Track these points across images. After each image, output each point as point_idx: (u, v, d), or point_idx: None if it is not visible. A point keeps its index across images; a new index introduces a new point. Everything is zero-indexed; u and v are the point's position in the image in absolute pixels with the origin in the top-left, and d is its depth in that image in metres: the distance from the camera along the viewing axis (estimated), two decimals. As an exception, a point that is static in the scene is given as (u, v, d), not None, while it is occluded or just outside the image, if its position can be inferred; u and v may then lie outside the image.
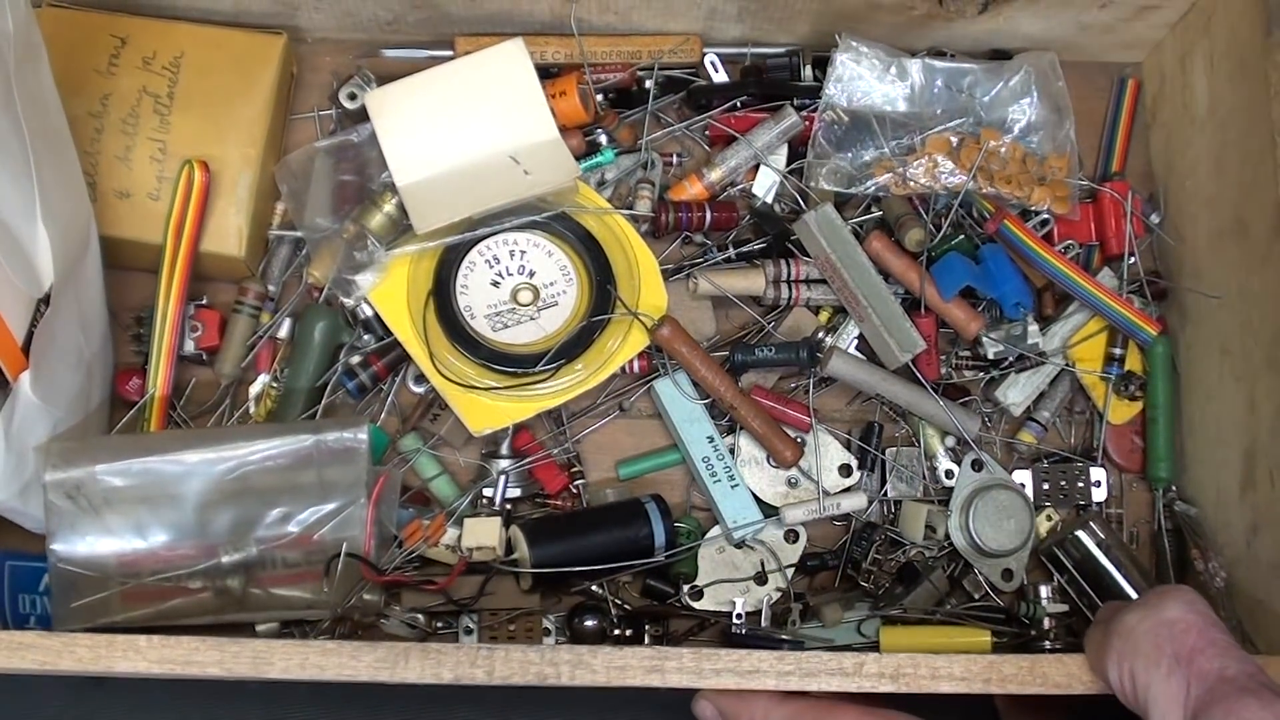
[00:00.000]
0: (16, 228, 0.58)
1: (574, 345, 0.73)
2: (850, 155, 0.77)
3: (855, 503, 0.74)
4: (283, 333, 0.76)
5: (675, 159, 0.81)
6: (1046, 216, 0.78)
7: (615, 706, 0.77)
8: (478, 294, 0.74)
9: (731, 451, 0.75)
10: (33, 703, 0.76)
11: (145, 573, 0.64)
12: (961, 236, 0.76)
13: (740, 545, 0.74)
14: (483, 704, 0.77)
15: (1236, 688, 0.48)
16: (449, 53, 0.78)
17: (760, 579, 0.74)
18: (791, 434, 0.74)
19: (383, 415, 0.76)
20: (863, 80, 0.78)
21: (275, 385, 0.76)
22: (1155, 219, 0.80)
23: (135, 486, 0.64)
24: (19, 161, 0.57)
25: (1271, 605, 0.66)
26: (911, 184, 0.76)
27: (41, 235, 0.59)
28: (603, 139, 0.79)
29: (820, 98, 0.78)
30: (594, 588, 0.72)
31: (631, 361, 0.76)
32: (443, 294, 0.74)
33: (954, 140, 0.77)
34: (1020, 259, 0.76)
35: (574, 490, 0.76)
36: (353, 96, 0.79)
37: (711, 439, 0.74)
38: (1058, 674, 0.57)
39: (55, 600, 0.63)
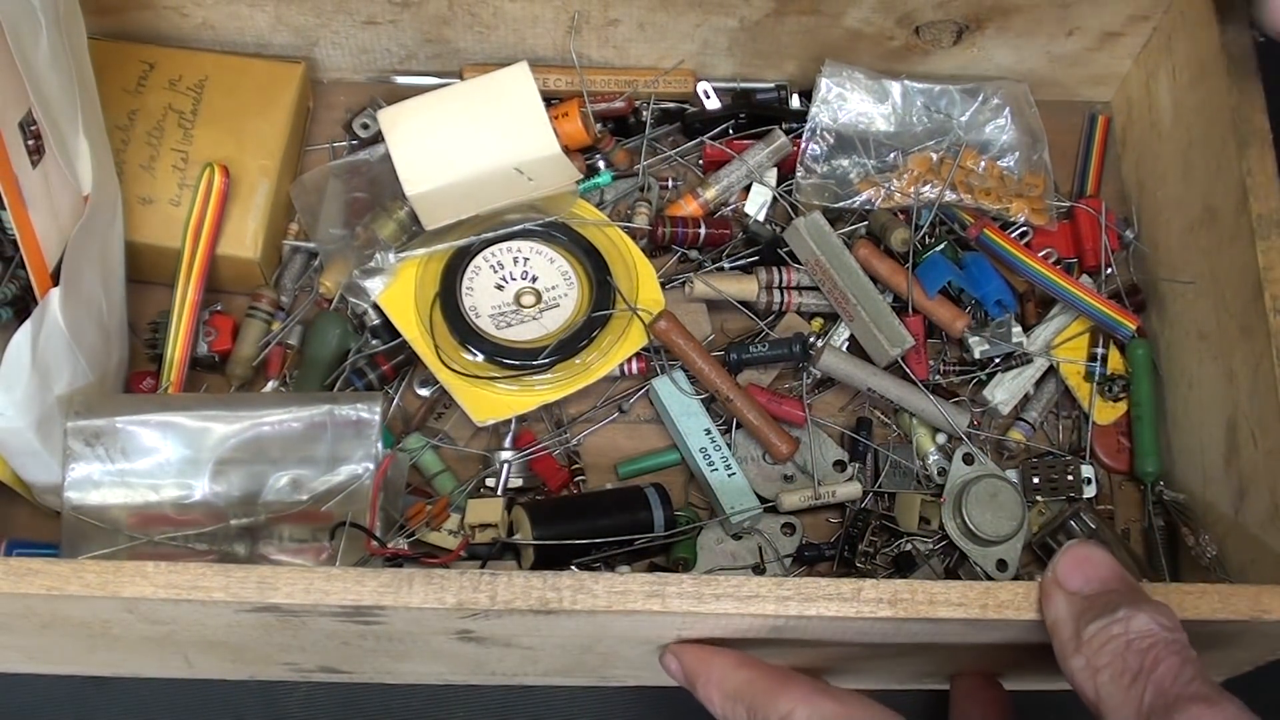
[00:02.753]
0: (63, 127, 0.61)
1: (575, 340, 0.76)
2: (837, 173, 0.82)
3: (851, 490, 0.76)
4: (293, 339, 0.79)
5: (670, 183, 0.85)
6: (1025, 229, 0.82)
7: (613, 710, 0.77)
8: (482, 296, 0.77)
9: (729, 446, 0.76)
10: (33, 703, 0.75)
11: (154, 532, 0.65)
12: (944, 244, 0.79)
13: (739, 537, 0.75)
14: (482, 706, 0.76)
15: (1190, 691, 0.51)
16: (458, 81, 0.83)
17: (758, 570, 0.75)
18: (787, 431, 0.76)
19: (388, 417, 0.78)
20: (846, 102, 0.82)
21: (285, 389, 0.78)
22: (1130, 234, 0.83)
23: (154, 440, 0.65)
24: (65, 73, 0.60)
25: (1263, 562, 0.67)
26: (895, 198, 0.80)
27: (83, 144, 0.62)
28: (601, 164, 0.83)
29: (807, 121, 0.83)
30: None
31: (630, 362, 0.78)
32: (449, 295, 0.77)
33: (934, 158, 0.81)
34: (1001, 264, 0.80)
35: (575, 487, 0.77)
36: (365, 126, 0.84)
37: (709, 431, 0.76)
38: (1053, 599, 0.58)
39: (65, 551, 0.64)
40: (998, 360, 0.79)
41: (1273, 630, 0.59)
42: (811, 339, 0.79)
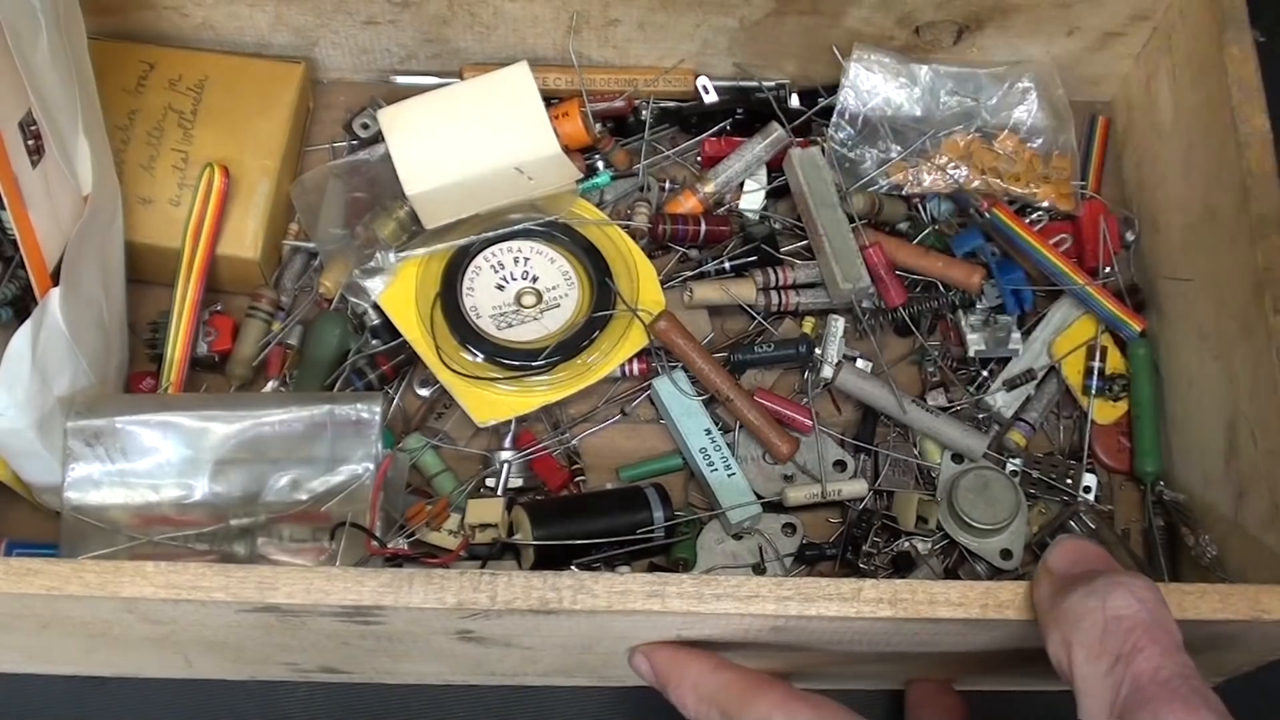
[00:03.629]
0: (63, 127, 0.61)
1: (576, 341, 0.76)
2: (864, 159, 0.82)
3: (855, 488, 0.76)
4: (293, 339, 0.79)
5: (669, 184, 0.85)
6: (1038, 215, 0.83)
7: (613, 710, 0.77)
8: (483, 296, 0.77)
9: (730, 446, 0.76)
10: (33, 703, 0.75)
11: (154, 532, 0.65)
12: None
13: (739, 537, 0.75)
14: (482, 706, 0.76)
15: (1167, 690, 0.49)
16: (458, 81, 0.83)
17: (759, 570, 0.75)
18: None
19: (388, 417, 0.78)
20: (874, 87, 0.82)
21: (285, 389, 0.78)
22: (1130, 236, 0.83)
23: (154, 440, 0.66)
24: (65, 73, 0.60)
25: (1263, 562, 0.67)
26: (925, 183, 0.81)
27: (83, 144, 0.62)
28: (600, 164, 0.83)
29: (805, 120, 0.83)
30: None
31: (631, 362, 0.78)
32: (449, 295, 0.77)
33: (962, 143, 0.81)
34: (1010, 248, 0.80)
35: (575, 487, 0.77)
36: (365, 126, 0.84)
37: (709, 431, 0.76)
38: (1052, 599, 0.58)
39: (65, 551, 0.64)
40: (994, 364, 0.79)
41: (1273, 630, 0.59)
42: (806, 342, 0.79)
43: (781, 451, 0.76)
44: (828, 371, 0.78)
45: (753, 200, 0.83)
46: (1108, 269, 0.82)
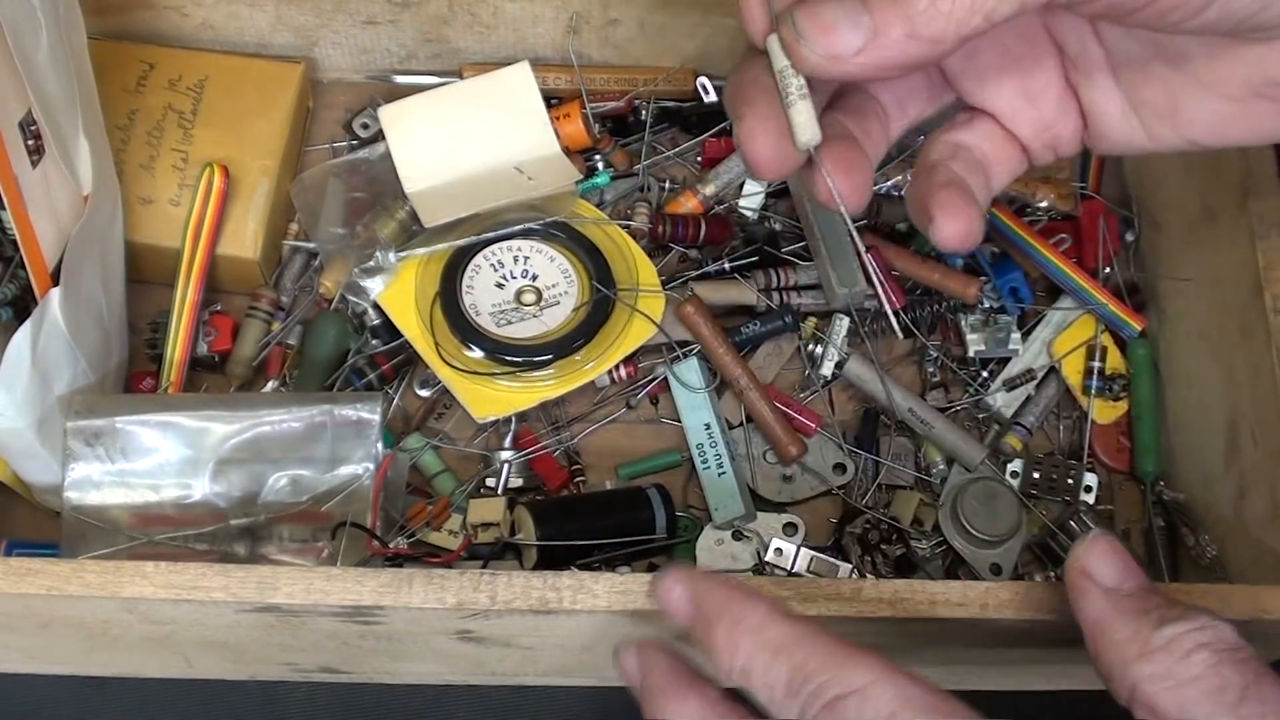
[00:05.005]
0: (63, 127, 0.61)
1: (574, 337, 0.76)
2: None
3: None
4: (293, 339, 0.79)
5: (669, 184, 0.85)
6: (1038, 215, 0.82)
7: (613, 710, 0.77)
8: (483, 294, 0.77)
9: (729, 444, 0.76)
10: (33, 703, 0.75)
11: (154, 532, 0.65)
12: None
13: (740, 537, 0.75)
14: (482, 706, 0.76)
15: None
16: (458, 80, 0.83)
17: (759, 570, 0.75)
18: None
19: (388, 417, 0.78)
20: None
21: (285, 389, 0.78)
22: (1130, 236, 0.83)
23: (154, 440, 0.66)
24: (65, 73, 0.60)
25: (1263, 562, 0.67)
26: None
27: (83, 144, 0.62)
28: (600, 164, 0.83)
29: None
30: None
31: (618, 368, 0.78)
32: (449, 294, 0.77)
33: None
34: (1010, 248, 0.80)
35: (575, 487, 0.77)
36: (365, 126, 0.84)
37: (708, 425, 0.76)
38: (1053, 599, 0.58)
39: (65, 551, 0.64)
40: (994, 364, 0.79)
41: (1273, 630, 0.59)
42: (810, 344, 0.79)
43: (790, 452, 0.75)
44: (827, 369, 0.78)
45: (753, 201, 0.83)
46: (1107, 269, 0.81)
